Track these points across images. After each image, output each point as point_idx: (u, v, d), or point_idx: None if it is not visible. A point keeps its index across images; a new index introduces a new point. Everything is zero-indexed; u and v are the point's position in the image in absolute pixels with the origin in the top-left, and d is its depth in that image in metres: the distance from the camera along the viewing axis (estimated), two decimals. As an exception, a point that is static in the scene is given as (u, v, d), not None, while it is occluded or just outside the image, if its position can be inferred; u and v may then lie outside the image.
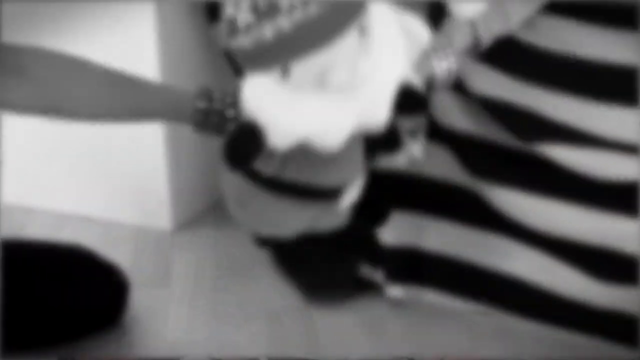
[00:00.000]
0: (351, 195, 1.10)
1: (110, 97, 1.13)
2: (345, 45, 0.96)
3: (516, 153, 1.36)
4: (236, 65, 1.71)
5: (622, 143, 1.30)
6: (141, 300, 1.48)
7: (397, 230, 1.43)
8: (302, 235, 1.11)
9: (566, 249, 1.35)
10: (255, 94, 1.01)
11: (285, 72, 0.97)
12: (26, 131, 1.78)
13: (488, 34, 1.23)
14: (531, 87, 1.34)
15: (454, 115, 1.39)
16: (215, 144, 1.10)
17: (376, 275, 1.47)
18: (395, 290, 1.44)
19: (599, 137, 1.31)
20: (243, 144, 1.00)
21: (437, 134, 1.40)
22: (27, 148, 1.83)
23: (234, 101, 1.11)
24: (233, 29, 0.97)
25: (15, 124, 1.67)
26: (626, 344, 1.32)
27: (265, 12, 0.94)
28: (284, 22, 0.94)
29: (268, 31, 0.94)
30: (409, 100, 1.03)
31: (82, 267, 1.37)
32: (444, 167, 1.42)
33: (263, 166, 1.04)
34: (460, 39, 1.21)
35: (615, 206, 1.31)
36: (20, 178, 1.85)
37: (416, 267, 1.45)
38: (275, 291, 1.53)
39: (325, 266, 1.46)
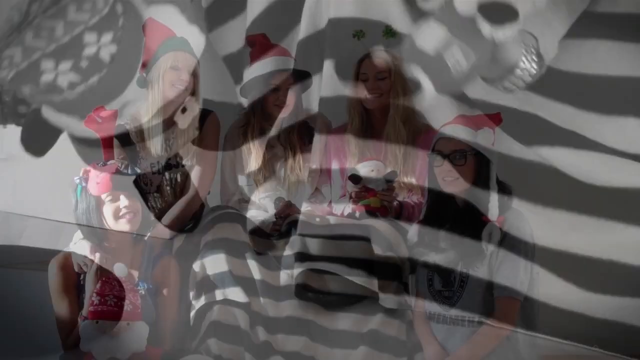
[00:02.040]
0: None
1: None
2: None
3: (517, 160, 1.35)
4: (236, 71, 1.71)
5: (621, 151, 1.30)
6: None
7: (388, 241, 1.43)
8: None
9: (563, 260, 1.35)
10: None
11: None
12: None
13: None
14: (534, 96, 1.33)
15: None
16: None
17: (372, 283, 1.47)
18: (387, 300, 1.44)
19: (600, 145, 1.31)
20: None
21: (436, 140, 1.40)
22: (25, 156, 1.82)
23: None
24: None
25: (13, 132, 1.67)
26: (625, 354, 1.32)
27: (45, 92, 0.99)
28: (69, 95, 0.96)
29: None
30: None
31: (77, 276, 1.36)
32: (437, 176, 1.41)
33: None
34: None
35: (615, 214, 1.30)
36: (17, 186, 1.84)
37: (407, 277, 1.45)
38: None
39: None
